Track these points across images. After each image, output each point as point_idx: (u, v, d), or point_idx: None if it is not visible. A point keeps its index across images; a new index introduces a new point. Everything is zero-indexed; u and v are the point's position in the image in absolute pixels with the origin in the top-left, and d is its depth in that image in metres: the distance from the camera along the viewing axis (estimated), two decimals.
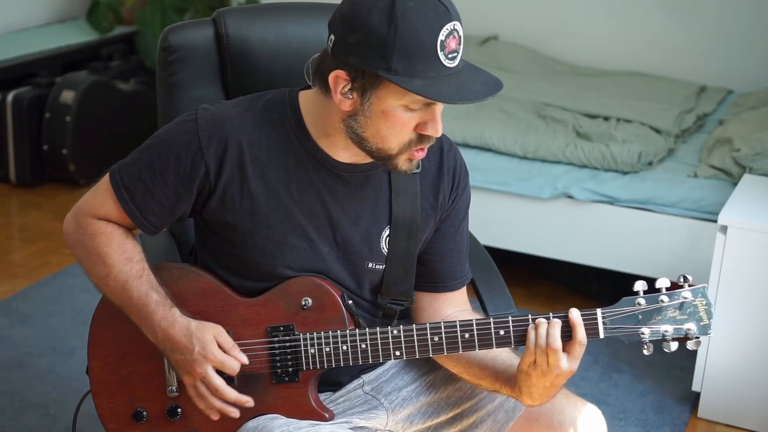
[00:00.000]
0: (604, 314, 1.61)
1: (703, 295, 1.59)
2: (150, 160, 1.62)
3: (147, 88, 4.47)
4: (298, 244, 1.65)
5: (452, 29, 1.49)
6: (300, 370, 1.65)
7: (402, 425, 1.77)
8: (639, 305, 1.60)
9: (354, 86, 1.53)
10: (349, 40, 1.50)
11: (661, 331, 1.59)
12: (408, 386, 1.78)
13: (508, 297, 2.06)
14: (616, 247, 3.21)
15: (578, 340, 1.58)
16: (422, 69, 1.48)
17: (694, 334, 1.58)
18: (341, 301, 1.66)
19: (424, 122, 1.55)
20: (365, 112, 1.54)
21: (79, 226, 1.68)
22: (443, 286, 1.78)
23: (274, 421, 1.63)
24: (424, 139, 1.57)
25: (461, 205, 1.77)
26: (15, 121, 4.14)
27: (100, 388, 1.73)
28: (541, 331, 1.57)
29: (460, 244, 1.78)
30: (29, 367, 2.92)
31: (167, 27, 1.97)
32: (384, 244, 1.70)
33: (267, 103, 1.66)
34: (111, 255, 1.64)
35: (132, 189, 1.63)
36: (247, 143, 1.61)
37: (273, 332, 1.65)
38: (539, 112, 3.61)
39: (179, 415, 1.69)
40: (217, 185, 1.62)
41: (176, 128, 1.64)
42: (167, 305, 1.62)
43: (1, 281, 3.46)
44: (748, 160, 3.11)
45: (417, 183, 1.70)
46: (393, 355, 1.63)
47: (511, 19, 4.40)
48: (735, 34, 4.06)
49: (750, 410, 2.79)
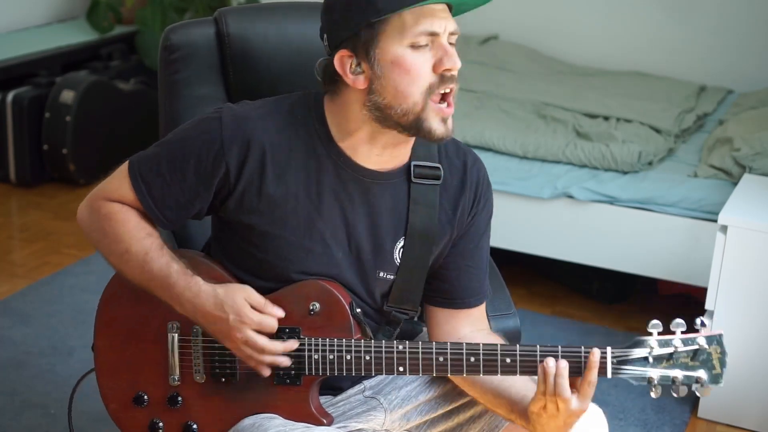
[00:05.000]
0: (614, 354, 1.57)
1: (718, 343, 1.55)
2: (171, 155, 1.62)
3: (147, 88, 4.47)
4: (313, 248, 1.64)
5: None
6: (302, 374, 1.64)
7: (399, 423, 1.76)
8: (651, 348, 1.56)
9: (359, 57, 1.54)
10: (334, 18, 1.56)
11: (671, 377, 1.55)
12: (407, 386, 1.78)
13: (508, 297, 2.06)
14: (616, 247, 3.21)
15: (588, 381, 1.55)
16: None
17: (704, 383, 1.55)
18: (349, 309, 1.64)
19: (439, 58, 1.53)
20: (378, 74, 1.54)
21: (93, 209, 1.67)
22: (460, 303, 1.75)
23: (271, 421, 1.63)
24: (445, 79, 1.54)
25: (481, 221, 1.74)
26: (15, 121, 4.14)
27: (104, 367, 1.73)
28: (550, 381, 1.54)
29: (479, 261, 1.76)
30: (29, 367, 2.92)
31: (169, 26, 1.97)
32: (397, 254, 1.69)
33: (292, 106, 1.65)
34: (130, 230, 1.63)
35: (150, 182, 1.62)
36: (270, 146, 1.60)
37: (278, 333, 1.63)
38: (539, 111, 3.61)
39: (179, 404, 1.69)
40: (236, 186, 1.61)
41: (199, 125, 1.63)
42: (188, 274, 1.61)
43: (1, 281, 3.46)
44: (748, 160, 3.11)
45: (436, 194, 1.68)
46: (396, 370, 1.62)
47: (511, 19, 4.40)
48: (735, 34, 4.06)
49: (750, 410, 2.78)
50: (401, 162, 1.67)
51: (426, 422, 1.77)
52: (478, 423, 1.74)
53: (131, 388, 1.71)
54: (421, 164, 1.67)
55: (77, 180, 4.23)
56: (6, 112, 4.14)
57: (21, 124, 4.14)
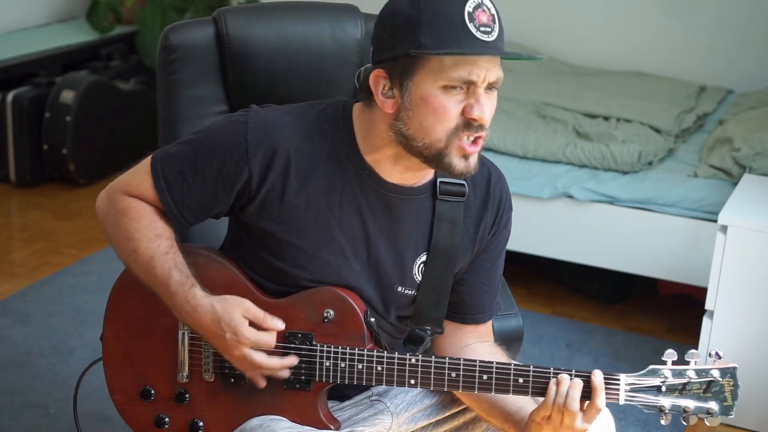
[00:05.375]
0: (628, 382, 1.57)
1: (732, 375, 1.55)
2: (194, 155, 1.60)
3: (147, 88, 4.47)
4: (331, 260, 1.63)
5: (479, 2, 1.48)
6: (312, 380, 1.64)
7: (406, 426, 1.76)
8: (665, 377, 1.56)
9: (392, 82, 1.52)
10: (382, 35, 1.52)
11: (683, 407, 1.56)
12: (413, 389, 1.77)
13: (510, 297, 2.06)
14: (616, 247, 3.21)
15: (596, 406, 1.55)
16: (453, 41, 1.46)
17: (715, 414, 1.55)
18: (363, 318, 1.63)
19: (469, 105, 1.51)
20: (406, 105, 1.52)
21: (111, 201, 1.66)
22: (469, 318, 1.75)
23: (279, 423, 1.63)
24: (470, 125, 1.53)
25: (500, 240, 1.74)
26: (15, 121, 4.14)
27: (111, 358, 1.73)
28: (562, 390, 1.54)
29: (493, 279, 1.75)
30: (29, 367, 2.92)
31: (168, 26, 1.96)
32: (417, 271, 1.67)
33: (320, 114, 1.63)
34: (140, 230, 1.62)
35: (171, 181, 1.61)
36: (295, 154, 1.59)
37: (291, 338, 1.63)
38: (539, 111, 3.61)
39: (187, 401, 1.69)
40: (258, 192, 1.59)
41: (225, 128, 1.62)
42: (187, 285, 1.60)
43: (1, 281, 3.45)
44: (748, 160, 3.11)
45: (461, 212, 1.67)
46: (407, 382, 1.61)
47: (511, 19, 4.38)
48: (735, 34, 4.06)
49: (750, 410, 2.78)
50: (426, 178, 1.66)
51: (432, 424, 1.77)
52: (484, 423, 1.74)
53: (138, 382, 1.71)
54: (447, 180, 1.66)
55: (77, 180, 4.22)
56: (6, 112, 4.14)
57: (21, 124, 4.14)
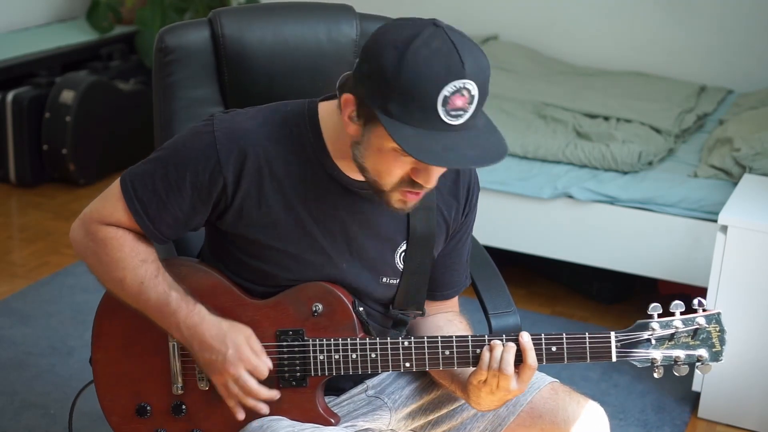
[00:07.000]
0: (617, 338, 1.60)
1: (717, 321, 1.59)
2: (165, 171, 1.59)
3: (147, 88, 4.47)
4: (314, 259, 1.64)
5: (461, 87, 1.41)
6: (308, 375, 1.64)
7: (404, 422, 1.77)
8: (653, 330, 1.60)
9: (358, 113, 1.50)
10: (363, 69, 1.47)
11: (673, 357, 1.61)
12: (411, 384, 1.79)
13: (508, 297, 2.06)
14: (616, 247, 3.21)
15: (528, 365, 1.58)
16: (419, 119, 1.41)
17: (705, 361, 1.60)
18: (352, 307, 1.65)
19: (418, 170, 1.49)
20: (364, 144, 1.51)
21: (88, 233, 1.64)
22: (439, 295, 1.79)
23: (279, 423, 1.63)
24: (416, 185, 1.51)
25: (471, 219, 1.76)
26: (15, 121, 4.14)
27: (103, 380, 1.72)
28: (496, 354, 1.57)
29: (462, 255, 1.78)
30: (29, 367, 2.92)
31: (163, 28, 1.96)
32: (399, 260, 1.69)
33: (285, 116, 1.62)
34: (124, 259, 1.62)
35: (145, 201, 1.60)
36: (265, 157, 1.59)
37: (282, 336, 1.64)
38: (539, 112, 3.61)
39: (184, 412, 1.68)
40: (234, 199, 1.59)
41: (192, 141, 1.60)
42: (190, 302, 1.61)
43: (1, 281, 3.46)
44: (748, 160, 3.11)
45: (434, 198, 1.68)
46: (403, 366, 1.63)
47: (511, 19, 4.40)
48: (735, 34, 4.06)
49: (750, 410, 2.78)
50: None
51: (430, 422, 1.78)
52: (482, 421, 1.74)
53: (133, 400, 1.70)
54: None
55: (77, 180, 4.22)
56: (6, 112, 4.14)
57: (21, 124, 4.14)
